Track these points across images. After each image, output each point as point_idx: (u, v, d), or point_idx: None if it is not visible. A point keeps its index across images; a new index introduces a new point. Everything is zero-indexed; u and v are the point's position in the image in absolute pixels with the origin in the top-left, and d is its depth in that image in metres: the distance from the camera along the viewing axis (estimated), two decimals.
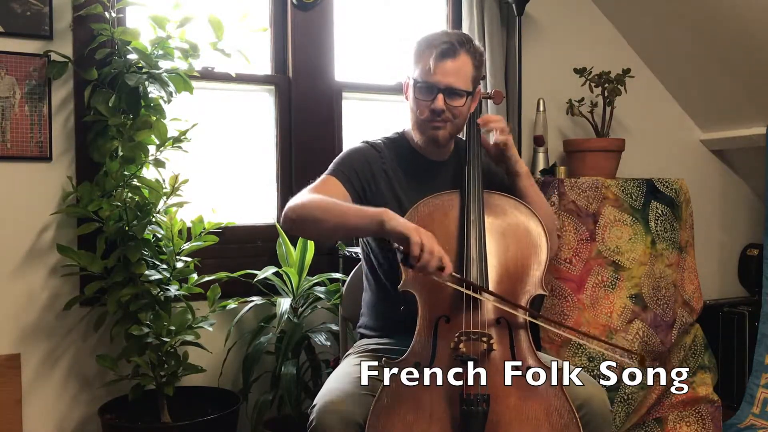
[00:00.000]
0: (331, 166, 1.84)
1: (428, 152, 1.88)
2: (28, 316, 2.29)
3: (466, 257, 1.64)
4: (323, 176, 1.82)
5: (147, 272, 2.15)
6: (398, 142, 1.92)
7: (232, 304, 2.40)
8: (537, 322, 1.75)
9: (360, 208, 1.67)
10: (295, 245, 2.49)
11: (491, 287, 1.65)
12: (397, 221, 1.57)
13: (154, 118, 2.19)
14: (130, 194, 2.17)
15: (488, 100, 2.64)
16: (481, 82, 1.87)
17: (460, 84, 1.75)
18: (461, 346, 1.53)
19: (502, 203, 1.78)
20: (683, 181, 2.82)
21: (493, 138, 1.84)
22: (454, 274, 1.56)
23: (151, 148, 2.21)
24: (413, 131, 1.84)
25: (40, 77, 2.26)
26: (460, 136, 1.91)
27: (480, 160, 1.80)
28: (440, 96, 1.73)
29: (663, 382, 2.57)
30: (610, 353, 2.16)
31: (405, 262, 1.55)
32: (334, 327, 2.45)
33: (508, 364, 1.58)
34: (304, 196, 1.71)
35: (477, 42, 1.82)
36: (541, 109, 2.97)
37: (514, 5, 2.83)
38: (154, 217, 2.21)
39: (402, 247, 1.54)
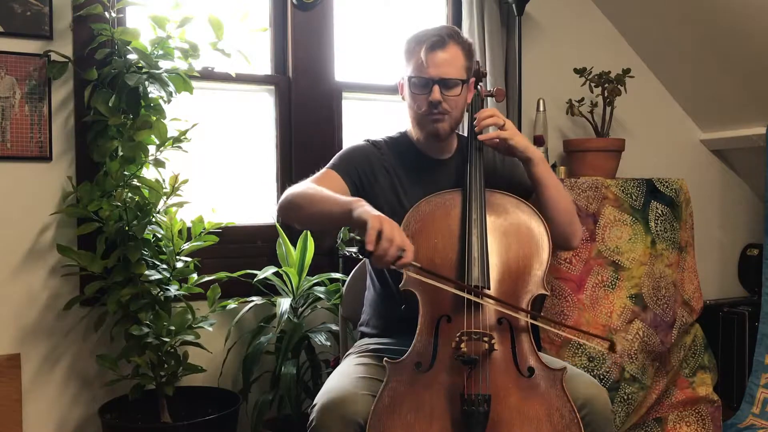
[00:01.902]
0: (332, 161, 1.87)
1: (431, 150, 1.89)
2: (28, 316, 2.29)
3: (467, 256, 1.64)
4: (324, 169, 1.84)
5: (147, 272, 2.15)
6: (400, 140, 1.92)
7: (232, 304, 2.40)
8: (535, 323, 1.75)
9: (338, 196, 1.66)
10: (295, 245, 2.49)
11: (493, 286, 1.65)
12: (363, 209, 1.54)
13: (154, 118, 2.19)
14: (130, 194, 2.16)
15: (489, 98, 2.64)
16: (482, 78, 1.88)
17: (454, 73, 1.76)
18: (462, 346, 1.53)
19: (504, 202, 1.78)
20: (683, 181, 2.82)
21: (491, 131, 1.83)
22: (414, 263, 1.51)
23: (151, 148, 2.21)
24: (414, 128, 1.85)
25: (40, 77, 2.26)
26: (462, 133, 1.91)
27: (482, 158, 1.80)
28: (436, 87, 1.74)
29: (663, 382, 2.58)
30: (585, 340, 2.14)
31: (361, 250, 1.47)
32: (334, 327, 2.45)
33: (510, 364, 1.58)
34: (298, 186, 1.76)
35: (466, 36, 1.85)
36: (541, 109, 2.97)
37: (514, 5, 2.83)
38: (154, 217, 2.21)
39: (359, 237, 1.47)
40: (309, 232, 2.47)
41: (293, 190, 1.75)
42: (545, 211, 1.79)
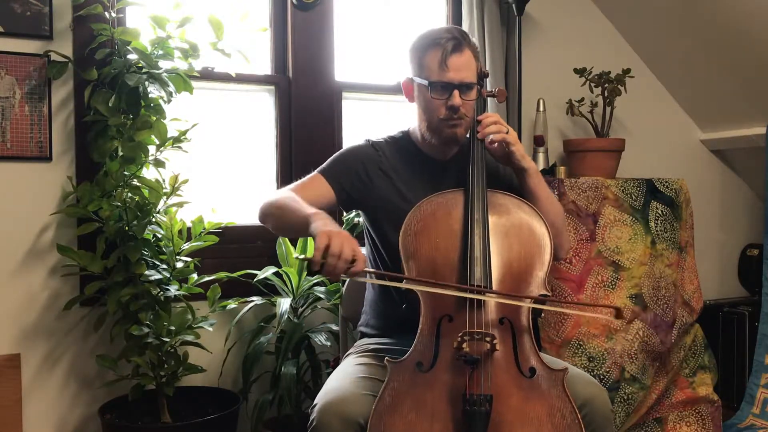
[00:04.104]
0: (324, 163, 1.88)
1: (433, 151, 1.89)
2: (28, 316, 2.28)
3: (469, 256, 1.63)
4: (312, 173, 1.86)
5: (147, 272, 2.15)
6: (402, 141, 1.92)
7: (232, 304, 2.40)
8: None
9: (304, 208, 1.66)
10: (295, 245, 2.49)
11: (494, 286, 1.65)
12: (316, 224, 1.56)
13: (154, 118, 2.19)
14: (130, 194, 2.16)
15: (490, 99, 2.63)
16: (484, 79, 1.89)
17: (471, 77, 1.78)
18: (464, 345, 1.53)
19: (506, 202, 1.78)
20: (683, 181, 2.83)
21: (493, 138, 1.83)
22: (368, 270, 1.52)
23: (151, 148, 2.21)
24: (426, 133, 1.84)
25: (40, 77, 2.25)
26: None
27: (484, 159, 1.81)
28: (456, 92, 1.75)
29: (663, 382, 2.57)
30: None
31: (309, 270, 1.49)
32: (334, 327, 2.45)
33: (511, 365, 1.58)
34: (277, 192, 1.79)
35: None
36: (541, 109, 2.96)
37: (514, 5, 2.82)
38: (154, 217, 2.21)
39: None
40: None
41: (271, 196, 1.78)
42: None
